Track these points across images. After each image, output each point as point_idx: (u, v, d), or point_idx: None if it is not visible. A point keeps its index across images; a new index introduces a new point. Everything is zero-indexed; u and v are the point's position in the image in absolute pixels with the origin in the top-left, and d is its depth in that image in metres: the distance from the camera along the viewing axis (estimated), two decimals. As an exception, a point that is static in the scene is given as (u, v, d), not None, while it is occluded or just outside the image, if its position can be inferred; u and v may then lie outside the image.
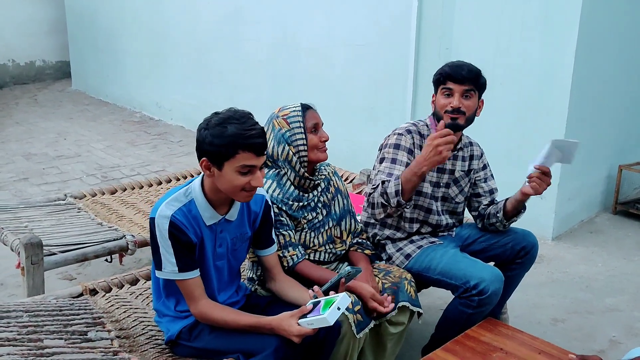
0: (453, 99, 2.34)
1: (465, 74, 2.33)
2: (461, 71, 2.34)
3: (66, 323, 2.06)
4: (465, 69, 2.35)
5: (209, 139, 1.81)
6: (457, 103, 2.34)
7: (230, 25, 6.09)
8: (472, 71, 2.35)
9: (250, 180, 1.84)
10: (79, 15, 8.38)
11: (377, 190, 2.28)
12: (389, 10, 4.66)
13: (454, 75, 2.34)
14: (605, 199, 4.63)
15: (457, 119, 2.35)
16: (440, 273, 2.31)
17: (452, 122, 2.35)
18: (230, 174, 1.82)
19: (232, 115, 1.84)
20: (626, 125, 4.66)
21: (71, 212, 3.33)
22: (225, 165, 1.82)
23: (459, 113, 2.35)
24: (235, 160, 1.80)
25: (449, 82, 2.35)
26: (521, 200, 2.40)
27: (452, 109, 2.34)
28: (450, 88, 2.35)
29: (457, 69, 2.35)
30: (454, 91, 2.34)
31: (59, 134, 6.55)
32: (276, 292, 2.13)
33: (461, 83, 2.33)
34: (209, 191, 1.92)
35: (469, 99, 2.36)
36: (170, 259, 1.87)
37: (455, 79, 2.34)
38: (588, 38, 3.81)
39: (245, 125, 1.82)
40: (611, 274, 3.66)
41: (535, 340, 2.13)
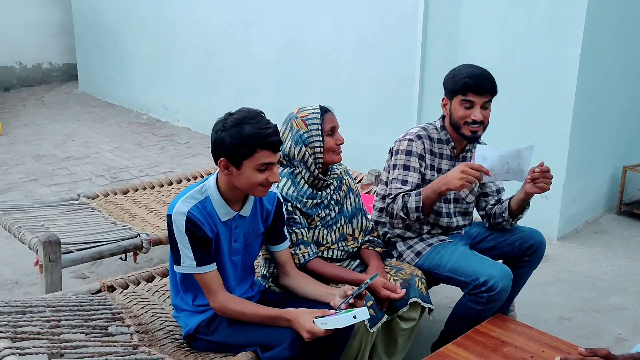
0: (474, 111, 2.33)
1: (487, 85, 2.32)
2: (484, 83, 2.32)
3: (87, 318, 2.12)
4: (487, 80, 2.33)
5: (228, 140, 1.87)
6: (479, 116, 2.33)
7: (237, 27, 6.15)
8: (492, 81, 2.34)
9: (267, 177, 1.91)
10: (86, 18, 8.45)
11: (398, 204, 2.34)
12: (395, 14, 4.71)
13: (476, 87, 2.31)
14: (610, 200, 4.68)
15: (477, 132, 2.38)
16: (450, 270, 2.36)
17: (472, 135, 2.39)
18: (249, 171, 1.89)
19: (246, 116, 1.91)
20: (630, 127, 4.71)
21: (85, 211, 3.38)
22: (244, 163, 1.88)
23: (479, 125, 2.37)
24: (254, 159, 1.87)
25: (470, 94, 2.33)
26: (525, 199, 2.44)
27: (473, 121, 2.34)
28: (471, 101, 2.33)
29: (479, 80, 2.32)
30: (475, 103, 2.33)
31: (67, 136, 6.61)
32: (290, 288, 2.18)
33: (482, 94, 2.33)
34: (224, 188, 1.98)
35: (487, 109, 2.38)
36: (188, 254, 1.93)
37: (477, 91, 2.32)
38: (593, 41, 3.86)
39: (261, 124, 1.89)
40: (616, 273, 3.70)
41: (544, 336, 2.18)
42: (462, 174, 2.17)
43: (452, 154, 2.52)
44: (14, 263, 3.65)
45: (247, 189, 1.94)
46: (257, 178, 1.90)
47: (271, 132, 1.89)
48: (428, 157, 2.46)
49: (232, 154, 1.88)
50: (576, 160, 4.08)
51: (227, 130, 1.88)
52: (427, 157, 2.45)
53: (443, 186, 2.24)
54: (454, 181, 2.20)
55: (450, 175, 2.23)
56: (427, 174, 2.47)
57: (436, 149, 2.49)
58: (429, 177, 2.47)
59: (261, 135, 1.86)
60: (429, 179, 2.46)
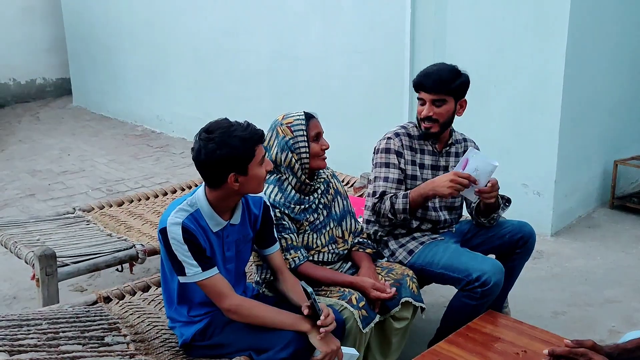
0: (424, 108, 2.45)
1: (430, 84, 2.40)
2: (427, 81, 2.41)
3: (83, 329, 2.15)
4: (432, 78, 2.40)
5: (229, 152, 1.89)
6: (426, 112, 2.44)
7: (229, 37, 6.20)
8: (438, 80, 2.40)
9: (265, 167, 2.00)
10: (78, 33, 8.50)
11: (385, 205, 2.42)
12: (383, 18, 4.76)
13: (423, 84, 2.43)
14: (602, 194, 4.72)
15: (429, 129, 2.47)
16: (443, 267, 2.40)
17: (425, 132, 2.49)
18: (256, 170, 1.96)
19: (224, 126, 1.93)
20: (619, 121, 4.75)
21: (81, 224, 3.41)
22: (249, 166, 1.94)
23: (430, 122, 2.45)
24: (256, 157, 1.95)
25: (421, 92, 2.45)
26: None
27: (422, 118, 2.46)
28: (422, 98, 2.46)
29: (423, 78, 2.42)
30: (425, 100, 2.45)
31: (62, 150, 6.64)
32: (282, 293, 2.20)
33: (429, 92, 2.42)
34: (214, 200, 2.01)
35: (441, 107, 2.44)
36: (190, 262, 1.94)
37: (425, 88, 2.43)
38: (577, 39, 3.90)
39: (241, 126, 1.95)
40: (610, 267, 3.74)
41: (535, 330, 2.21)
42: (451, 183, 2.26)
43: (433, 149, 2.57)
44: (11, 279, 3.67)
45: (255, 189, 2.00)
46: (262, 172, 1.99)
47: (252, 127, 1.97)
48: (407, 153, 2.52)
49: (238, 163, 1.92)
50: (567, 156, 4.12)
51: (222, 147, 1.89)
52: (405, 153, 2.52)
53: (430, 191, 2.33)
54: (442, 189, 2.28)
55: (438, 182, 2.31)
56: (409, 169, 2.52)
57: (416, 145, 2.56)
58: (410, 172, 2.53)
59: (251, 132, 1.93)
60: (410, 174, 2.53)
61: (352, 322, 2.10)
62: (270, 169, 2.02)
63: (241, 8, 5.98)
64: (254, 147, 1.93)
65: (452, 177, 2.26)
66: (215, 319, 2.07)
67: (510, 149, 4.14)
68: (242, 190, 1.98)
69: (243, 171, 1.93)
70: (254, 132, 1.94)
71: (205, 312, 2.10)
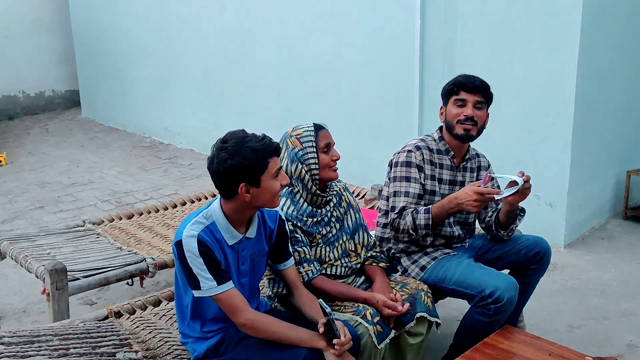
0: (466, 109, 2.42)
1: (478, 84, 2.43)
2: (475, 81, 2.43)
3: (94, 345, 2.12)
4: (478, 80, 2.45)
5: (241, 163, 1.88)
6: (471, 112, 2.41)
7: (237, 48, 6.22)
8: (484, 82, 2.45)
9: (281, 181, 1.97)
10: (87, 45, 8.56)
11: (406, 220, 2.38)
12: (392, 28, 4.75)
13: (468, 84, 2.42)
14: (615, 205, 4.66)
15: (469, 130, 2.43)
16: (455, 283, 2.36)
17: (465, 133, 2.43)
18: (269, 183, 1.93)
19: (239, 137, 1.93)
20: (632, 131, 4.70)
21: (90, 237, 3.40)
22: (262, 178, 1.92)
23: (472, 123, 2.41)
24: (269, 170, 1.92)
25: (462, 93, 2.43)
26: (510, 209, 2.44)
27: (465, 117, 2.41)
28: (464, 99, 2.43)
29: (470, 78, 2.44)
30: (467, 101, 2.42)
31: (71, 162, 6.66)
32: (297, 307, 2.17)
33: (474, 93, 2.42)
34: (229, 212, 1.99)
35: (481, 110, 2.44)
36: (206, 276, 1.92)
37: (469, 89, 2.42)
38: (589, 48, 3.88)
39: (256, 137, 1.94)
40: (625, 279, 3.68)
41: (553, 346, 2.17)
42: (476, 202, 2.23)
43: (452, 163, 2.54)
44: (21, 292, 3.66)
45: (268, 202, 1.98)
46: (276, 186, 1.95)
47: (267, 139, 1.95)
48: (428, 167, 2.48)
49: (250, 174, 1.90)
50: (579, 166, 4.08)
51: (234, 157, 1.89)
52: (426, 168, 2.48)
53: (455, 207, 2.30)
54: (467, 206, 2.25)
55: (462, 198, 2.26)
56: (428, 184, 2.48)
57: (436, 160, 2.52)
58: (429, 187, 2.48)
59: (264, 145, 1.91)
60: (429, 189, 2.48)
61: (367, 338, 2.06)
62: (286, 183, 1.98)
63: (250, 19, 6.00)
64: (267, 159, 1.91)
65: (476, 196, 2.22)
66: (229, 335, 2.04)
67: (522, 160, 4.10)
68: (255, 202, 1.95)
69: (255, 183, 1.91)
70: (268, 144, 1.92)
71: (218, 327, 2.07)
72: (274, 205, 2.01)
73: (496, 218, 2.52)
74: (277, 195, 1.99)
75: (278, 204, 2.03)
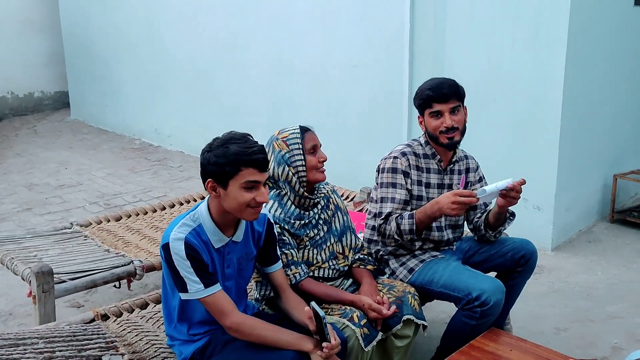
0: (444, 119, 2.42)
1: (447, 91, 2.40)
2: (442, 89, 2.40)
3: (80, 348, 2.11)
4: (446, 86, 2.41)
5: (213, 160, 1.89)
6: (450, 122, 2.42)
7: (228, 50, 6.21)
8: (452, 86, 2.42)
9: (255, 197, 1.90)
10: (77, 46, 8.51)
11: (391, 225, 2.39)
12: (382, 32, 4.77)
13: (438, 96, 2.40)
14: (602, 209, 4.70)
15: (453, 137, 2.44)
16: (442, 286, 2.37)
17: (449, 142, 2.44)
18: (236, 191, 1.89)
19: (233, 137, 1.94)
20: (618, 135, 4.75)
21: (78, 240, 3.38)
22: (230, 183, 1.89)
23: (453, 131, 2.43)
24: (240, 177, 1.88)
25: (435, 105, 2.42)
26: (500, 212, 2.46)
27: (446, 128, 2.42)
28: (438, 110, 2.42)
29: (438, 89, 2.41)
30: (443, 112, 2.42)
31: (59, 164, 6.62)
32: (284, 311, 2.18)
33: (446, 102, 2.41)
34: (216, 214, 1.98)
35: (457, 114, 2.44)
36: (193, 278, 1.91)
37: (440, 100, 2.40)
38: (577, 53, 3.91)
39: (247, 143, 1.91)
40: (611, 282, 3.71)
41: (538, 348, 2.19)
42: (454, 205, 2.23)
43: (439, 167, 2.55)
44: (7, 294, 3.63)
45: (235, 211, 1.93)
46: (244, 197, 1.89)
47: (256, 150, 1.90)
48: (414, 172, 2.49)
49: (218, 174, 1.89)
50: (566, 170, 4.12)
51: (212, 150, 1.91)
52: (412, 173, 2.49)
53: (437, 212, 2.31)
54: (447, 210, 2.26)
55: (442, 202, 2.28)
56: (415, 189, 2.49)
57: (423, 164, 2.53)
58: (416, 192, 2.49)
59: (245, 153, 1.88)
60: (416, 194, 2.49)
61: (354, 341, 2.07)
62: (260, 200, 1.90)
63: (240, 22, 6.00)
64: (240, 167, 1.87)
65: (453, 198, 2.23)
66: (215, 338, 2.04)
67: (510, 163, 4.12)
68: (224, 204, 1.93)
69: (222, 184, 1.90)
70: (249, 152, 1.87)
71: (205, 330, 2.07)
72: (242, 216, 1.94)
73: (485, 219, 2.54)
74: (244, 207, 1.90)
75: (248, 218, 1.95)
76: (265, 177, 1.94)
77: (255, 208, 1.94)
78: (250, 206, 1.92)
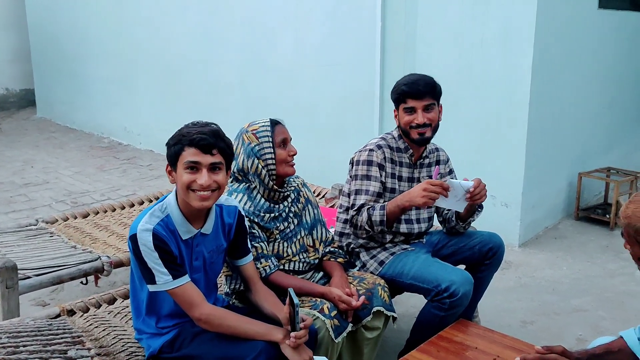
0: (417, 116, 2.45)
1: (422, 88, 2.43)
2: (418, 86, 2.43)
3: (45, 343, 2.07)
4: (422, 83, 2.44)
5: (168, 144, 1.91)
6: (422, 119, 2.45)
7: (199, 48, 6.16)
8: (428, 84, 2.45)
9: (196, 179, 1.86)
10: (43, 43, 8.34)
11: (362, 216, 2.41)
12: (354, 31, 4.80)
13: (413, 93, 2.43)
14: (568, 206, 4.81)
15: (424, 134, 2.48)
16: (412, 278, 2.40)
17: (420, 138, 2.48)
18: (180, 172, 1.89)
19: (194, 122, 1.94)
20: (583, 135, 4.87)
21: (44, 236, 3.31)
22: (177, 164, 1.89)
23: (424, 127, 2.46)
24: (183, 157, 1.88)
25: (409, 100, 2.45)
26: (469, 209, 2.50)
27: (417, 125, 2.45)
28: (412, 106, 2.45)
29: (414, 85, 2.44)
30: (416, 108, 2.45)
31: (25, 162, 6.47)
32: (255, 304, 2.16)
33: (421, 98, 2.44)
34: (182, 204, 1.96)
35: (431, 111, 2.47)
36: (161, 270, 1.89)
37: (415, 96, 2.44)
38: (543, 54, 4.00)
39: (196, 127, 1.90)
40: (576, 277, 3.80)
41: (505, 338, 2.22)
42: (425, 192, 2.25)
43: (410, 161, 2.58)
44: (-30, 293, 3.52)
45: (183, 195, 1.90)
46: (186, 178, 1.86)
47: (202, 131, 1.86)
48: (389, 165, 2.52)
49: (169, 156, 1.91)
50: (533, 168, 4.20)
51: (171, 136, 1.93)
52: (387, 166, 2.51)
53: (407, 202, 2.33)
54: (417, 199, 2.28)
55: (413, 193, 2.31)
56: (389, 182, 2.52)
57: (396, 157, 2.56)
58: (390, 185, 2.52)
59: (189, 134, 1.87)
60: (390, 187, 2.52)
61: (324, 332, 2.07)
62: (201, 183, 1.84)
63: (212, 20, 5.96)
64: (184, 147, 1.85)
65: (425, 186, 2.26)
66: (184, 330, 2.02)
67: (479, 161, 4.19)
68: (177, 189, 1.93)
69: (174, 166, 1.91)
70: (193, 132, 1.86)
71: (174, 323, 2.04)
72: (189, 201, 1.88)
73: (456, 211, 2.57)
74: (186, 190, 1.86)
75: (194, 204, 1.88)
76: (209, 161, 1.87)
77: (199, 193, 1.87)
78: (192, 189, 1.87)
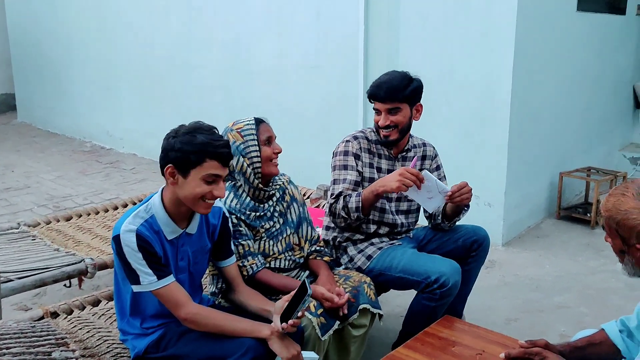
0: (381, 117, 2.50)
1: (383, 94, 2.46)
2: (380, 92, 2.46)
3: (29, 345, 2.04)
4: (383, 88, 2.46)
5: (178, 146, 1.86)
6: (383, 121, 2.49)
7: (182, 51, 6.14)
8: (389, 89, 2.45)
9: (212, 190, 1.88)
10: (24, 46, 8.25)
11: (339, 203, 2.43)
12: (337, 33, 4.83)
13: (374, 96, 2.49)
14: (550, 205, 4.87)
15: (388, 136, 2.52)
16: (401, 271, 2.42)
17: (384, 139, 2.53)
18: (196, 181, 1.87)
19: (201, 127, 1.93)
20: (564, 135, 4.94)
21: (26, 240, 3.27)
22: (192, 172, 1.86)
23: (387, 129, 2.50)
24: (202, 169, 1.86)
25: (375, 103, 2.51)
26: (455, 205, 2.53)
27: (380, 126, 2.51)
28: (377, 108, 2.51)
29: (376, 89, 2.47)
30: (380, 110, 2.50)
31: (5, 167, 6.39)
32: (239, 303, 2.17)
33: (383, 102, 2.48)
34: (169, 204, 1.95)
35: (396, 114, 2.49)
36: (145, 270, 1.88)
37: (378, 99, 2.48)
38: (524, 55, 4.05)
39: (214, 136, 1.90)
40: (558, 275, 3.85)
41: (490, 333, 2.25)
42: (400, 177, 2.29)
43: (389, 154, 2.61)
44: (-50, 298, 3.47)
45: (189, 201, 1.90)
46: (201, 189, 1.87)
47: (222, 144, 1.89)
48: (365, 155, 2.56)
49: (181, 161, 1.86)
50: (515, 168, 4.25)
51: (178, 137, 1.88)
52: (363, 156, 2.56)
53: (380, 188, 2.35)
54: (391, 183, 2.30)
55: (388, 178, 2.35)
56: (367, 171, 2.56)
57: (374, 149, 2.60)
58: (368, 174, 2.56)
59: (212, 145, 1.86)
60: (368, 176, 2.56)
61: (311, 330, 2.08)
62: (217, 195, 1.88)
63: (195, 23, 5.95)
64: (205, 157, 1.85)
65: (401, 171, 2.29)
66: (170, 330, 2.01)
67: (462, 161, 4.23)
68: (178, 192, 1.90)
69: (183, 172, 1.86)
70: (216, 145, 1.85)
71: (159, 324, 2.03)
72: (195, 208, 1.91)
73: (443, 209, 2.61)
74: (198, 199, 1.88)
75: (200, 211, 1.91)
76: (227, 173, 1.93)
77: (209, 201, 1.91)
78: (205, 199, 1.90)
